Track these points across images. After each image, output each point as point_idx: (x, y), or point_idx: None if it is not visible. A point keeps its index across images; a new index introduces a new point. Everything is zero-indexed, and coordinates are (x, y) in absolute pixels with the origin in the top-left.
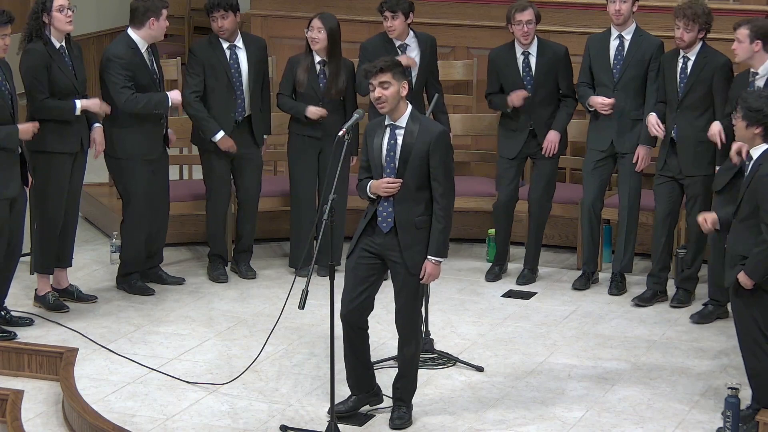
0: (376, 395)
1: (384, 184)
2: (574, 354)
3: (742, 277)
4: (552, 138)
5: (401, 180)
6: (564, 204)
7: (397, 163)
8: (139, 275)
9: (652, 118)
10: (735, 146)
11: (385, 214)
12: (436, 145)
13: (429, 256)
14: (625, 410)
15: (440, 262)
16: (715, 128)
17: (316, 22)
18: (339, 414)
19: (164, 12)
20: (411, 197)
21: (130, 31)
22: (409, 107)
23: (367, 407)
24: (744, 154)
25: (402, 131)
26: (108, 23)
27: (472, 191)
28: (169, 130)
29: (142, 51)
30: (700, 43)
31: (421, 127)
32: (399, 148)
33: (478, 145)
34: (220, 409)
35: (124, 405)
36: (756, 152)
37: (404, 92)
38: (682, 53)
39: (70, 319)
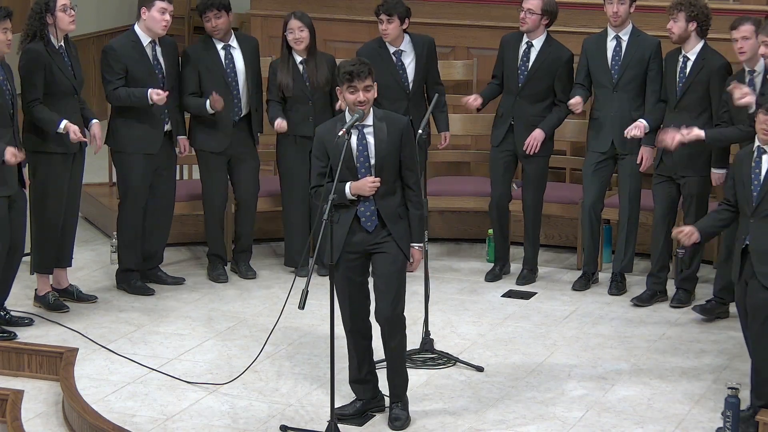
0: (379, 402)
1: (369, 184)
2: (574, 354)
3: None
4: (536, 135)
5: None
6: (564, 204)
7: (372, 161)
8: (139, 275)
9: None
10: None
11: (368, 213)
12: (407, 135)
13: (413, 244)
14: (625, 410)
15: (422, 247)
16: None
17: (296, 23)
18: (343, 417)
19: (158, 4)
20: (390, 190)
21: (135, 25)
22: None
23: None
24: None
25: (370, 129)
26: (108, 23)
27: (472, 191)
28: (180, 138)
29: (144, 44)
30: (701, 43)
31: (387, 121)
32: (372, 147)
33: (478, 145)
34: (220, 409)
35: (124, 405)
36: None
37: (375, 94)
38: (683, 52)
39: (70, 319)
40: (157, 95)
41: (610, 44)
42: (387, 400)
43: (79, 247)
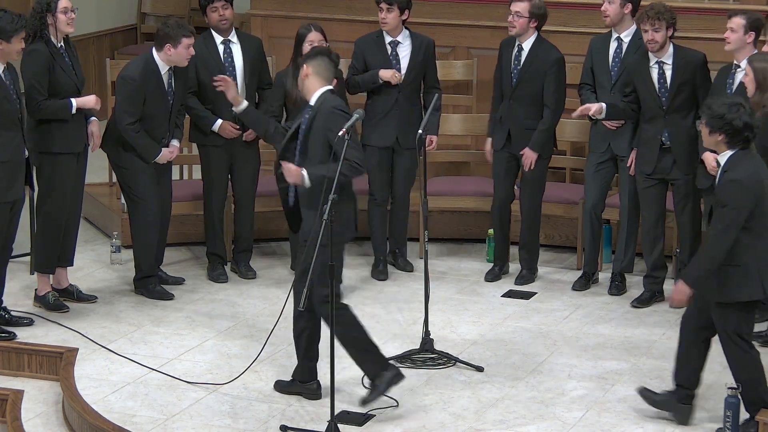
0: (310, 389)
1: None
2: (574, 354)
3: (681, 287)
4: (528, 156)
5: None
6: (564, 204)
7: (300, 139)
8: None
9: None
10: (710, 160)
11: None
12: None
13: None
14: (625, 410)
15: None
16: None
17: (317, 35)
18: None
19: (184, 41)
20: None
21: (153, 51)
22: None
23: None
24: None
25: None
26: (108, 23)
27: (472, 191)
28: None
29: (162, 72)
30: (671, 46)
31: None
32: (303, 127)
33: (478, 145)
34: (220, 409)
35: (124, 405)
36: (722, 159)
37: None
38: (655, 59)
39: (70, 319)
40: (170, 154)
41: (612, 45)
42: (388, 401)
43: (79, 247)
